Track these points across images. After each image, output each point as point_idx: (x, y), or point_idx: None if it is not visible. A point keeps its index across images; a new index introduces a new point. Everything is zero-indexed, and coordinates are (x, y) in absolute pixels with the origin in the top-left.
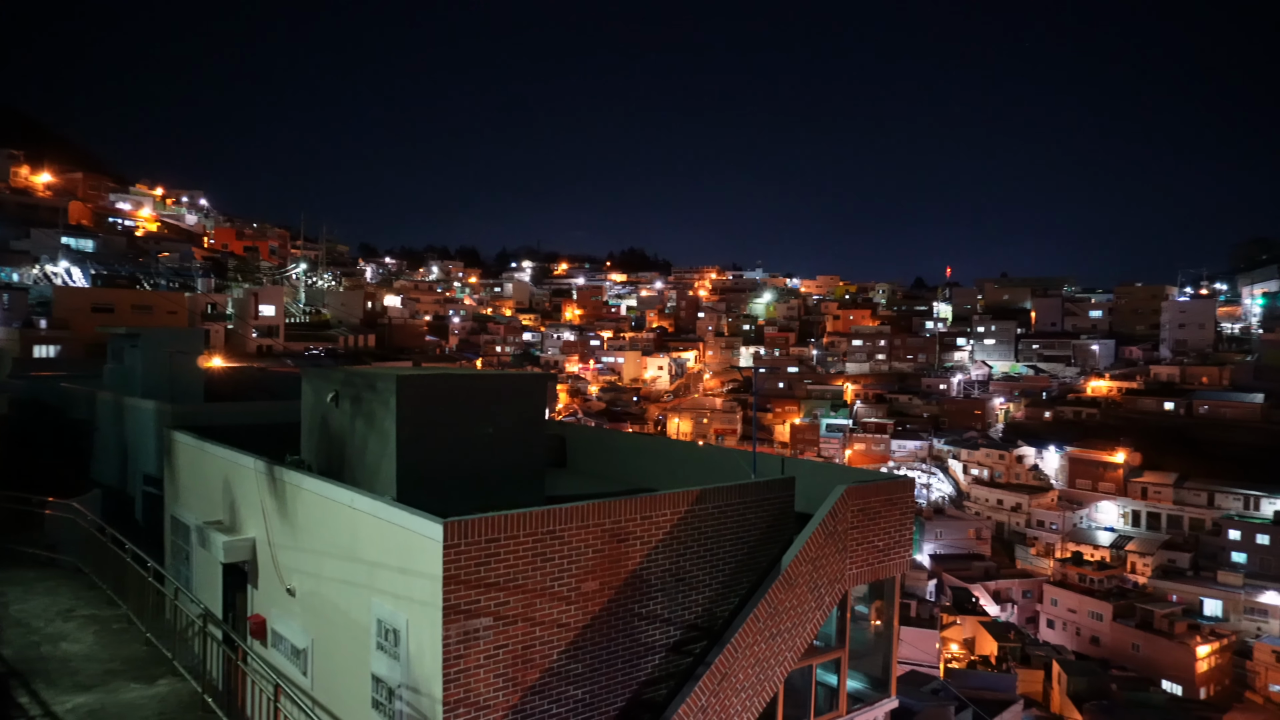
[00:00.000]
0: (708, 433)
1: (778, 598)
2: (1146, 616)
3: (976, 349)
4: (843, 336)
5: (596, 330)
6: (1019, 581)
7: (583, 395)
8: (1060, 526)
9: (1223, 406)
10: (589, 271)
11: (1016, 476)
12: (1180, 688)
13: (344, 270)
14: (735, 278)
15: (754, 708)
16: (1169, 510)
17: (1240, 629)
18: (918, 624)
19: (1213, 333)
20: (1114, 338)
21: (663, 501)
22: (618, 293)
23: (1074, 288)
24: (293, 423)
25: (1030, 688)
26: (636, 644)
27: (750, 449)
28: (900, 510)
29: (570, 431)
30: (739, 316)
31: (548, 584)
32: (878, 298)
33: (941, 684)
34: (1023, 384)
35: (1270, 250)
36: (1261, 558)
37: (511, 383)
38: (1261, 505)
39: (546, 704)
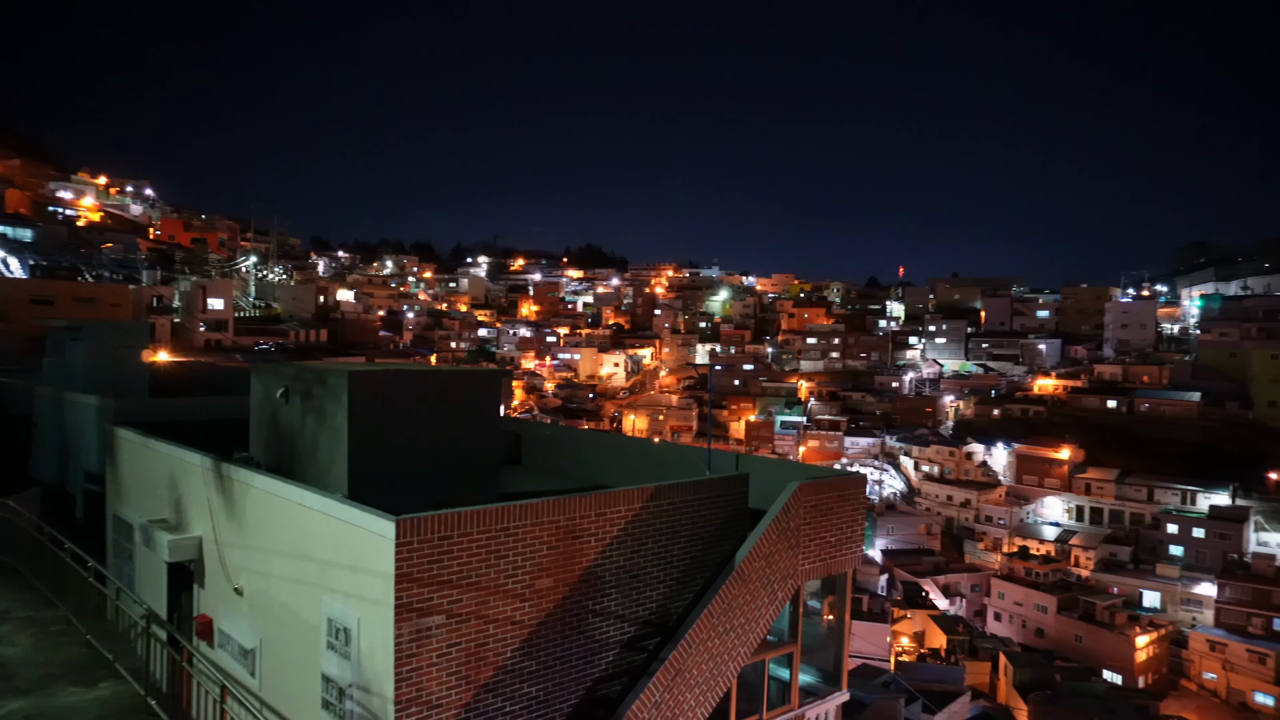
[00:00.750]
0: (664, 429)
1: (731, 593)
2: (1089, 609)
3: (928, 347)
4: (798, 334)
5: (553, 327)
6: (968, 576)
7: (539, 392)
8: (1008, 522)
9: (1162, 405)
10: (546, 267)
11: (966, 473)
12: (1120, 677)
13: (296, 264)
14: (692, 275)
15: (708, 703)
16: (1111, 505)
17: (1177, 619)
18: (869, 618)
19: (1154, 333)
20: (1060, 337)
21: (617, 498)
22: (574, 289)
23: (1022, 288)
24: (241, 419)
25: (978, 679)
26: (591, 640)
27: (705, 446)
28: (852, 506)
29: (525, 428)
30: (695, 314)
31: (502, 581)
32: (832, 296)
33: (892, 677)
34: (972, 382)
35: (1208, 254)
36: (1197, 551)
37: (466, 379)
38: (1198, 500)
39: (500, 701)
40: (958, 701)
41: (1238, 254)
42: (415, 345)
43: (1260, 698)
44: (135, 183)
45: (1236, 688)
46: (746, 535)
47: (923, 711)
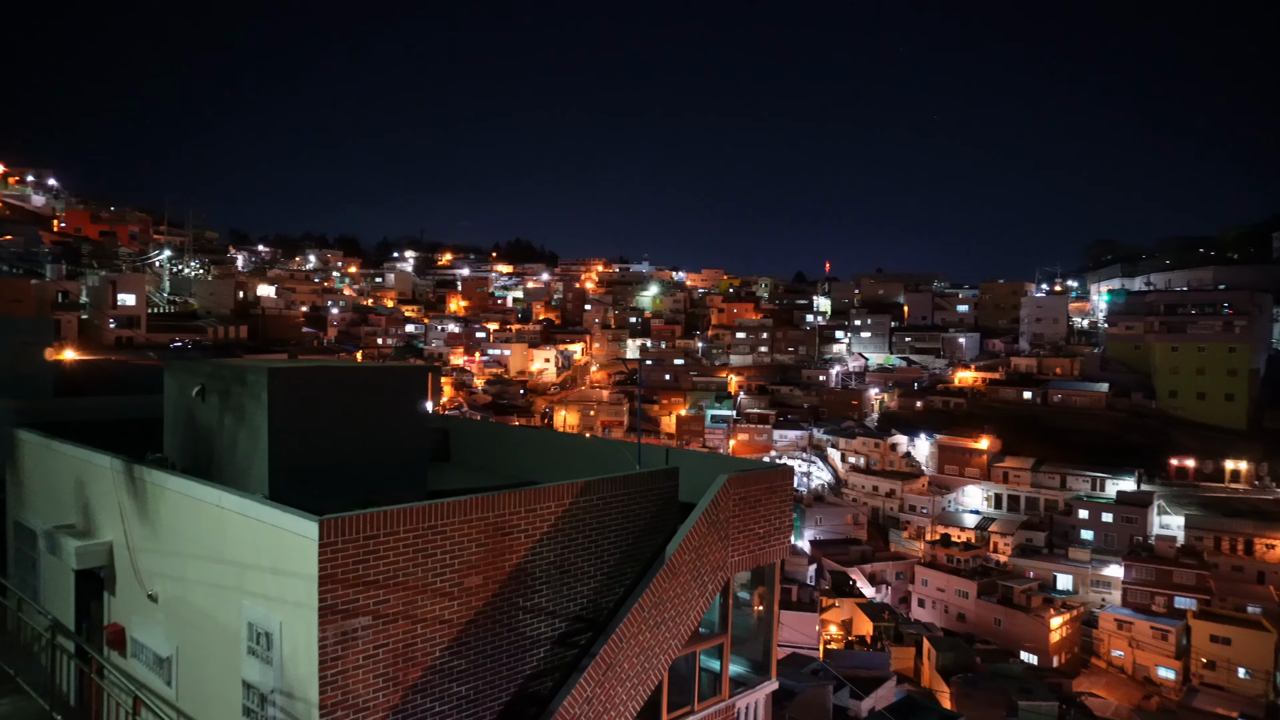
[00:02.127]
0: (595, 425)
1: (662, 587)
2: (1007, 593)
3: (854, 341)
4: (727, 329)
5: (482, 322)
6: (893, 564)
7: (468, 388)
8: (930, 510)
9: (1073, 396)
10: (474, 262)
11: (891, 464)
12: (1036, 657)
13: (213, 258)
14: (622, 270)
15: (639, 696)
16: (1027, 493)
17: (1088, 600)
18: (799, 608)
19: (1065, 327)
20: (979, 331)
21: (547, 494)
22: (504, 284)
23: (943, 283)
24: (155, 419)
25: (903, 664)
26: (521, 637)
27: (636, 440)
28: (780, 498)
29: (454, 425)
30: (626, 309)
31: (429, 580)
32: (761, 291)
33: (821, 665)
34: (896, 375)
35: (1115, 251)
36: (1106, 534)
37: (392, 375)
38: (1106, 486)
39: (429, 702)
40: (884, 686)
41: (1142, 252)
42: (340, 342)
43: (1163, 672)
44: (37, 171)
45: (1141, 663)
46: (677, 529)
47: (850, 697)
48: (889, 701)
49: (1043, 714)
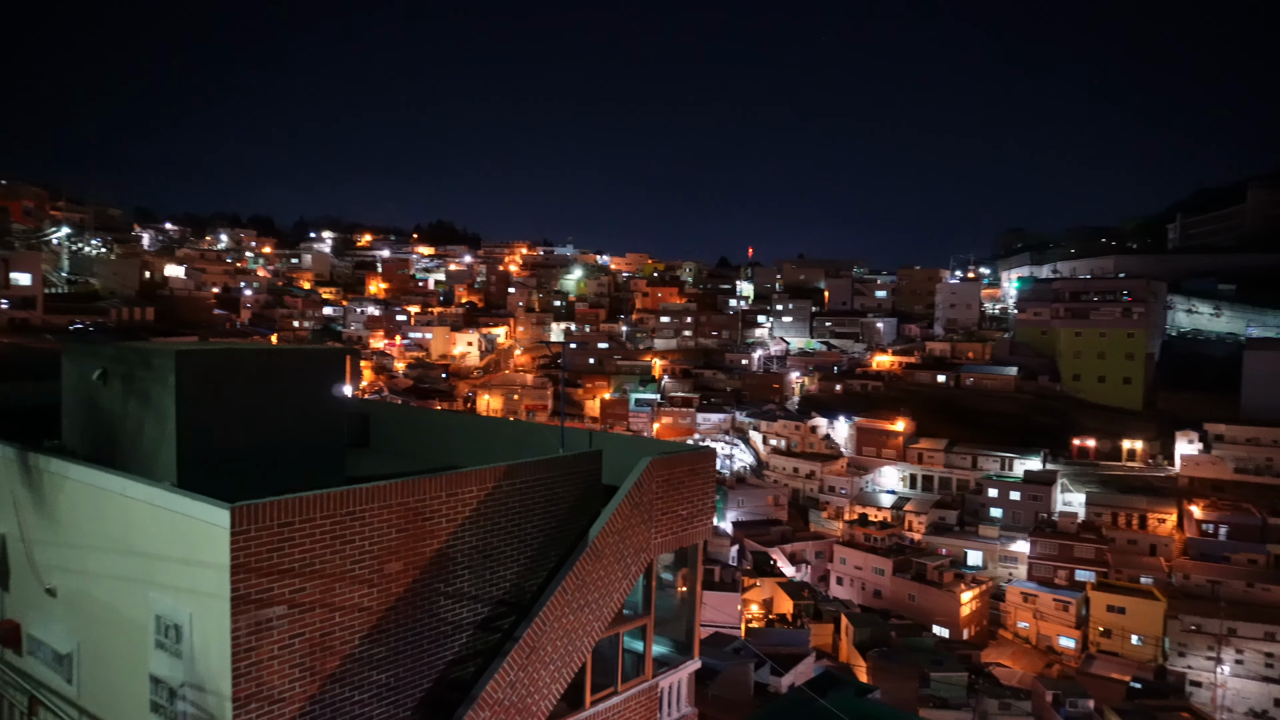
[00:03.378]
0: (519, 409)
1: (585, 569)
2: (921, 569)
3: (776, 326)
4: (651, 313)
5: (403, 305)
6: (812, 543)
7: (389, 372)
8: (849, 491)
9: (985, 379)
10: (395, 244)
11: (811, 446)
12: (947, 630)
13: (117, 236)
14: (546, 254)
15: (563, 678)
16: (940, 473)
17: (996, 575)
18: (721, 588)
19: (978, 312)
20: (896, 316)
21: (469, 478)
22: (425, 266)
23: (862, 269)
24: (52, 405)
25: (822, 640)
26: (443, 623)
27: (559, 424)
28: (702, 480)
29: (374, 409)
30: (550, 292)
31: (348, 567)
32: (685, 276)
33: (742, 643)
34: (817, 359)
35: (1025, 240)
36: (1014, 512)
37: (307, 358)
38: (1014, 466)
39: (348, 691)
40: (803, 663)
41: (1050, 241)
42: (254, 324)
43: (1064, 641)
44: None
45: (1045, 633)
46: (600, 511)
47: (771, 674)
48: (808, 677)
49: (953, 684)
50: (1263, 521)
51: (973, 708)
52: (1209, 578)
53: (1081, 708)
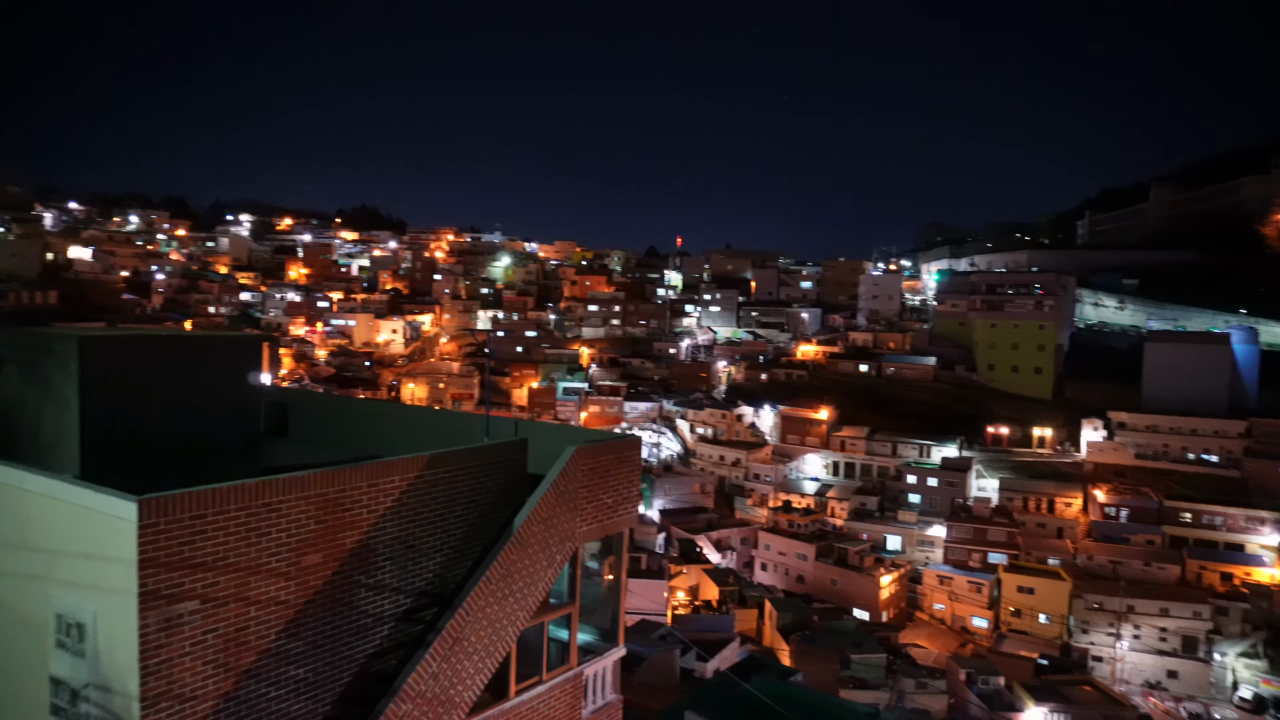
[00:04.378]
0: (444, 398)
1: (510, 559)
2: (842, 555)
3: (703, 315)
4: (580, 302)
5: (325, 291)
6: (738, 530)
7: (310, 360)
8: (773, 478)
9: (905, 369)
10: (317, 228)
11: (737, 434)
12: (868, 613)
13: (16, 215)
14: (473, 240)
15: (487, 669)
16: (862, 460)
17: (914, 559)
18: (648, 576)
19: (899, 303)
20: (821, 306)
21: (391, 468)
22: (348, 252)
23: (789, 260)
24: None
25: (746, 626)
26: (364, 615)
27: (485, 413)
28: (628, 468)
29: (293, 398)
30: (477, 279)
31: (264, 560)
32: (613, 264)
33: (669, 630)
34: (743, 348)
35: (944, 234)
36: (931, 498)
37: (222, 345)
38: (932, 453)
39: (264, 687)
40: (728, 648)
41: (968, 235)
42: (167, 309)
43: (977, 621)
44: None
45: (959, 614)
46: (526, 500)
47: (697, 660)
48: (733, 662)
49: (872, 665)
50: (1159, 504)
51: (890, 687)
52: (1110, 558)
53: (993, 685)
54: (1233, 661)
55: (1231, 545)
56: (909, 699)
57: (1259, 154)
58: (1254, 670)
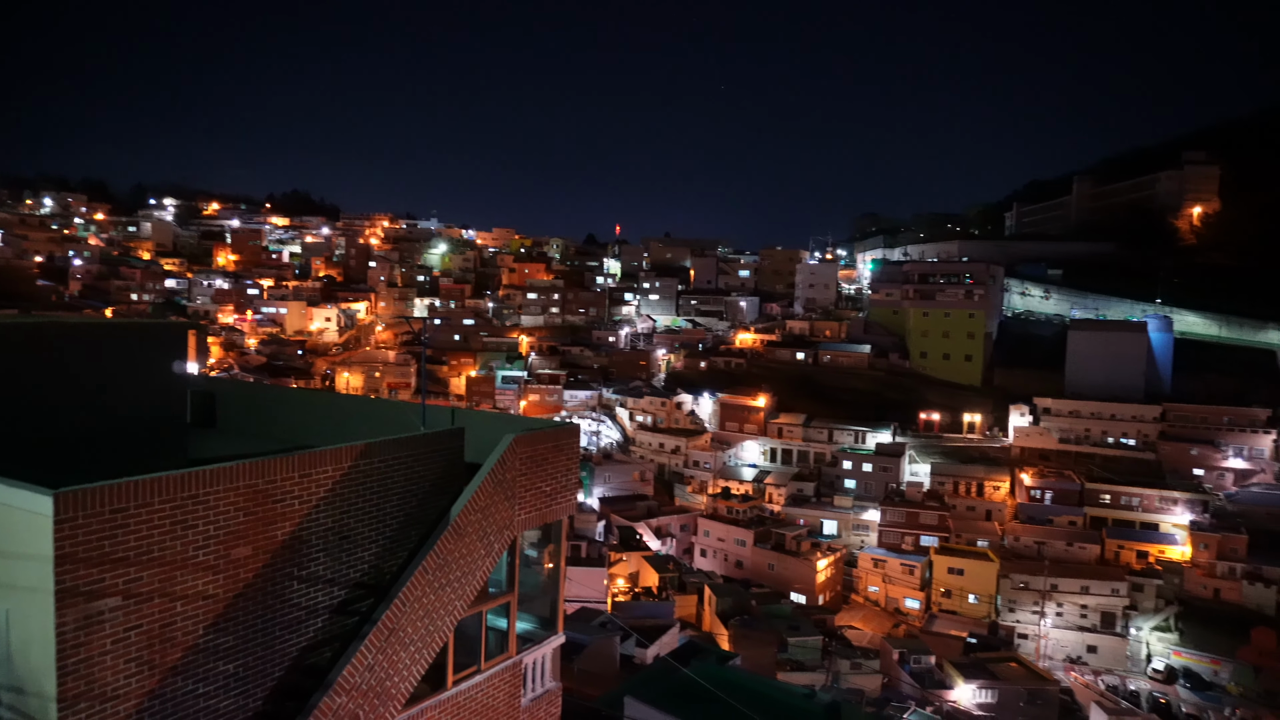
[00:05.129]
0: (380, 387)
1: (447, 548)
2: (780, 540)
3: (643, 304)
4: (518, 290)
5: (255, 278)
6: (677, 517)
7: (240, 349)
8: (712, 465)
9: (840, 356)
10: (246, 213)
11: (676, 422)
12: (804, 597)
13: None
14: (409, 227)
15: (424, 659)
16: (799, 446)
17: (849, 543)
18: (588, 563)
19: (835, 292)
20: (759, 295)
21: (324, 458)
22: (279, 238)
23: (727, 249)
24: None
25: (686, 611)
26: (297, 608)
27: (421, 401)
28: (566, 456)
29: (221, 387)
30: (413, 267)
31: (190, 554)
32: (552, 252)
33: (609, 617)
34: (682, 336)
35: (879, 224)
36: (866, 483)
37: (142, 333)
38: (867, 439)
39: (191, 684)
40: (668, 634)
41: (901, 225)
42: (85, 297)
43: (910, 602)
44: None
45: (893, 596)
46: (463, 489)
47: (637, 646)
48: (673, 648)
49: (809, 648)
50: (1081, 487)
51: (827, 669)
52: (1035, 539)
53: (924, 664)
54: (1147, 635)
55: (1147, 525)
56: (844, 679)
57: (1173, 149)
58: (1166, 643)
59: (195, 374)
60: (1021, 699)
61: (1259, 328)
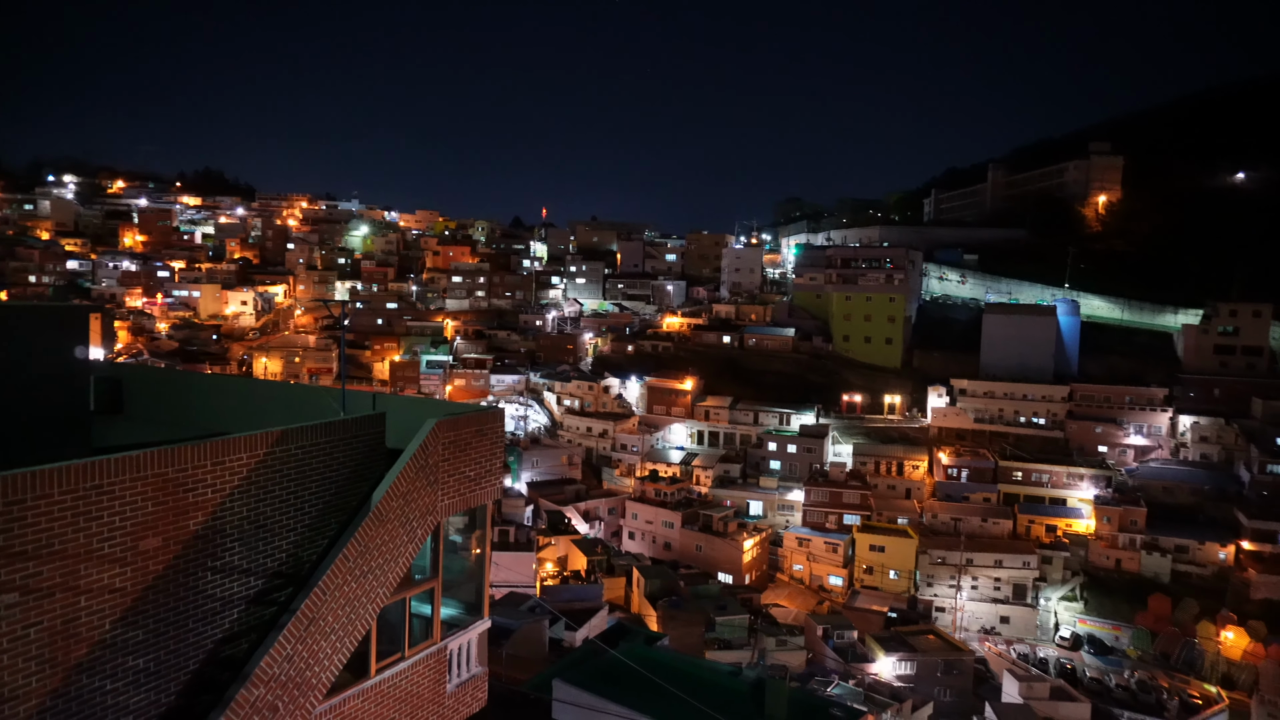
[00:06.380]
0: (300, 372)
1: (368, 535)
2: (707, 521)
3: (569, 287)
4: (443, 273)
5: (166, 260)
6: (605, 500)
7: (150, 333)
8: (640, 448)
9: (765, 340)
10: (154, 192)
11: (604, 405)
12: (731, 577)
13: None
14: (329, 208)
15: (345, 648)
16: (725, 429)
17: (775, 523)
18: (516, 548)
19: (760, 276)
20: (685, 279)
21: (237, 445)
22: (191, 218)
23: (653, 233)
24: None
25: (614, 594)
26: (210, 600)
27: (341, 387)
28: (490, 440)
29: (129, 373)
30: (333, 249)
31: (95, 546)
32: (477, 235)
33: (538, 601)
34: (610, 320)
35: (802, 209)
36: (791, 464)
37: (38, 316)
38: (791, 421)
39: (99, 680)
40: (597, 616)
41: (824, 211)
42: None
43: (833, 579)
44: None
45: (817, 574)
46: (384, 475)
47: (566, 629)
48: (601, 630)
49: (735, 626)
50: (995, 465)
51: (753, 646)
52: (952, 516)
53: (847, 639)
54: (1055, 605)
55: (1055, 500)
56: (770, 656)
57: (1081, 139)
58: (1072, 611)
59: (100, 360)
60: (939, 669)
61: (1157, 311)
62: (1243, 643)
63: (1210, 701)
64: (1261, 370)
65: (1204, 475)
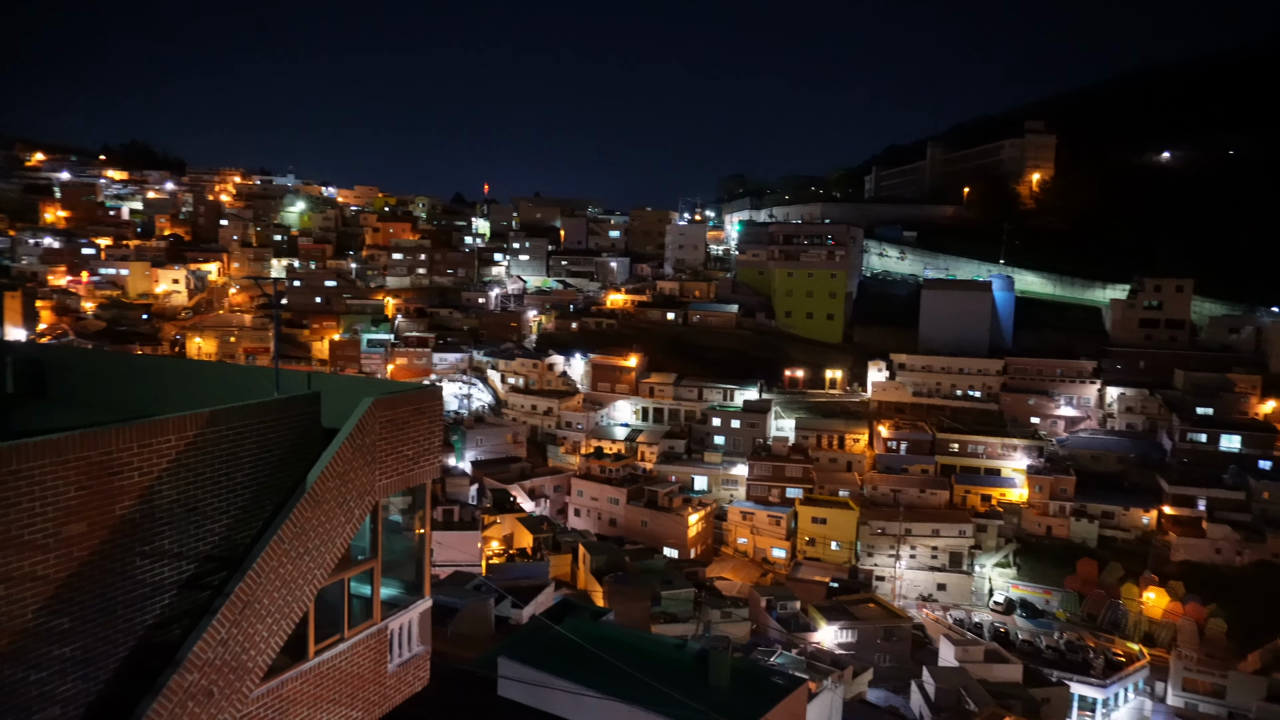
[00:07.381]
0: (236, 352)
1: (304, 516)
2: (652, 497)
3: (513, 264)
4: (383, 250)
5: (91, 237)
6: (551, 478)
7: (75, 313)
8: (585, 426)
9: (709, 316)
10: (77, 166)
11: (548, 383)
12: (677, 551)
13: None
14: (264, 184)
15: (282, 630)
16: (670, 405)
17: (719, 497)
18: (461, 527)
19: (704, 253)
20: (629, 256)
21: (166, 427)
22: (117, 193)
23: (597, 209)
24: None
25: (561, 571)
26: (141, 585)
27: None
28: (429, 418)
29: (52, 355)
30: (269, 226)
31: (15, 533)
32: (418, 211)
33: (483, 580)
34: (553, 297)
35: (745, 185)
36: (734, 439)
37: None
38: (735, 396)
39: (23, 671)
40: (543, 593)
41: (767, 187)
42: None
43: (777, 552)
44: None
45: (761, 547)
46: (320, 456)
47: (512, 607)
48: (548, 606)
49: (681, 600)
50: (933, 437)
51: (698, 619)
52: (892, 487)
53: (790, 609)
54: (990, 572)
55: (990, 470)
56: (715, 628)
57: (1016, 118)
58: (1006, 578)
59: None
60: (879, 636)
61: (1087, 286)
62: (1163, 602)
63: (1133, 659)
64: (1183, 343)
65: (1129, 444)
